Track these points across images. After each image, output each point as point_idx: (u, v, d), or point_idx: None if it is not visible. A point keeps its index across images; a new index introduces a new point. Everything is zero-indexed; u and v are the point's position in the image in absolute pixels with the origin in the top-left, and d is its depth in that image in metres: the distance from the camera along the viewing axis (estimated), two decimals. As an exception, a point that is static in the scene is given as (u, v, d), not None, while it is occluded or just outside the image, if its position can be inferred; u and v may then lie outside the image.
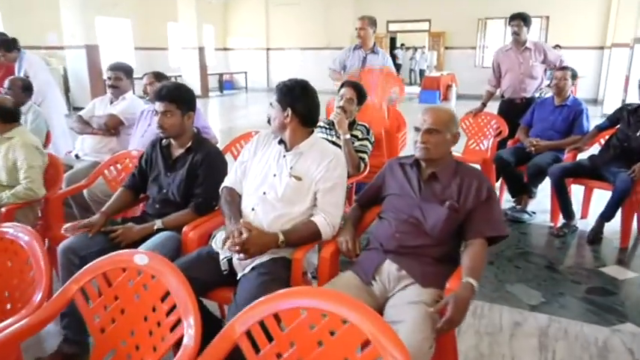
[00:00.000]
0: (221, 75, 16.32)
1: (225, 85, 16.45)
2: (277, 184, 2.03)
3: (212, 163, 2.35)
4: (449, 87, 13.30)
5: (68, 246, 2.15)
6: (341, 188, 2.08)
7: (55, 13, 10.46)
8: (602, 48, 12.72)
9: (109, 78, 3.75)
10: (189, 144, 2.38)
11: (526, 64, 4.55)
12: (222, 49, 17.53)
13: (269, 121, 2.07)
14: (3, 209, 2.53)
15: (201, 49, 14.17)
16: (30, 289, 1.58)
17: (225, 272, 1.99)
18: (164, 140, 2.44)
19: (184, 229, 2.20)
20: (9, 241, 1.67)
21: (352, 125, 3.10)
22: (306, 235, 1.97)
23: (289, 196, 2.01)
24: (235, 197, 2.15)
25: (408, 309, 1.65)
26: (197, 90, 13.98)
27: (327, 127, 3.17)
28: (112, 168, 3.00)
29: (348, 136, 2.96)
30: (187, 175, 2.33)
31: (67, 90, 11.18)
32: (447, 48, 14.78)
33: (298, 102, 2.03)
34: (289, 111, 2.02)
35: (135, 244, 2.20)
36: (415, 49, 19.31)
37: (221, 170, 2.38)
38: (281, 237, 1.90)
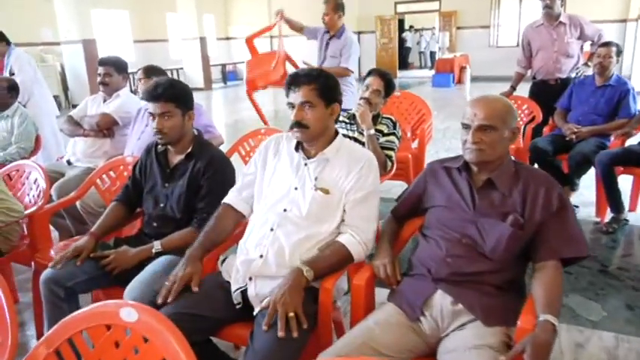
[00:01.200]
0: (224, 65, 15.92)
1: (229, 75, 16.07)
2: (300, 199, 1.71)
3: (217, 171, 2.02)
4: (463, 69, 12.83)
5: (50, 277, 1.84)
6: (374, 198, 1.75)
7: (50, 8, 10.14)
8: (624, 21, 12.18)
9: (99, 74, 3.43)
10: (190, 149, 2.06)
11: (560, 41, 4.14)
12: (224, 39, 17.13)
13: (299, 126, 1.72)
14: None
15: (202, 40, 13.77)
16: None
17: (238, 306, 1.67)
18: (160, 146, 2.11)
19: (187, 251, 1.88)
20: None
21: (376, 119, 2.75)
22: (334, 262, 1.64)
23: (316, 212, 1.68)
24: (223, 222, 1.84)
25: (470, 356, 1.33)
26: (200, 82, 13.64)
27: (348, 121, 2.82)
28: (104, 177, 2.67)
29: (372, 131, 2.61)
30: (188, 186, 2.01)
31: (65, 87, 10.90)
32: (458, 28, 14.27)
33: (338, 93, 1.71)
34: (334, 107, 1.70)
35: (131, 270, 1.89)
36: (423, 30, 18.80)
37: (227, 179, 2.05)
38: (307, 272, 1.56)
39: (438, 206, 1.65)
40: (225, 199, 1.88)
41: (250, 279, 1.66)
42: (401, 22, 16.82)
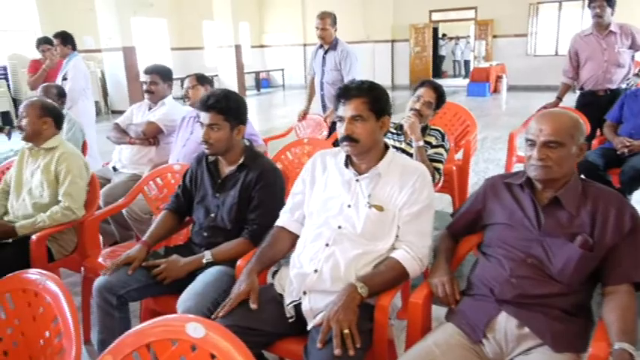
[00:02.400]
0: (258, 73, 16.09)
1: (262, 83, 16.22)
2: (354, 216, 1.68)
3: (268, 183, 2.01)
4: (499, 78, 12.62)
5: (103, 284, 1.86)
6: (428, 212, 1.70)
7: (92, 16, 10.44)
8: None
9: (145, 82, 3.49)
10: (241, 160, 2.05)
11: (611, 51, 4.00)
12: (258, 47, 17.30)
13: (349, 140, 1.69)
14: (34, 236, 2.26)
15: (237, 47, 13.93)
16: (57, 357, 1.28)
17: (291, 319, 1.65)
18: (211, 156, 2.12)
19: (238, 262, 1.87)
20: (33, 292, 1.37)
21: (424, 130, 2.70)
22: (389, 279, 1.60)
23: (371, 230, 1.65)
24: (279, 244, 1.83)
25: (540, 383, 1.27)
26: (234, 89, 13.73)
27: (395, 131, 2.78)
28: (152, 184, 2.70)
29: (421, 143, 2.56)
30: (239, 197, 2.00)
31: (105, 93, 11.18)
32: (495, 36, 14.05)
33: (388, 106, 1.68)
34: (385, 120, 1.68)
35: (181, 280, 1.89)
36: (458, 39, 18.60)
37: (278, 191, 2.05)
38: (361, 288, 1.53)
39: (500, 224, 1.60)
40: (279, 222, 1.87)
41: (304, 293, 1.64)
42: (435, 31, 16.67)
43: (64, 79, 4.95)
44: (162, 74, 3.50)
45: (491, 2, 13.47)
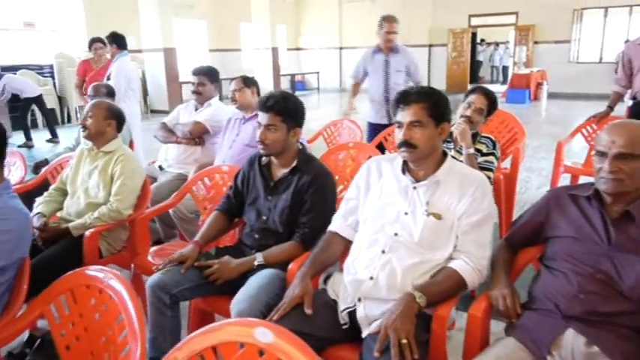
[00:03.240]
0: (293, 75, 16.20)
1: (297, 85, 16.31)
2: (411, 224, 1.65)
3: (321, 187, 2.01)
4: (539, 85, 12.34)
5: (157, 283, 1.88)
6: (489, 223, 1.66)
7: (135, 17, 10.68)
8: None
9: (193, 83, 3.54)
10: (294, 163, 2.05)
11: (667, 60, 3.86)
12: (294, 49, 17.41)
13: (407, 145, 1.66)
14: (87, 232, 2.31)
15: (274, 50, 14.06)
16: (120, 354, 1.29)
17: (345, 326, 1.63)
18: (264, 158, 2.12)
19: (290, 266, 1.87)
20: (97, 289, 1.40)
21: (474, 137, 2.65)
22: (447, 289, 1.57)
23: (429, 239, 1.62)
24: (332, 248, 1.82)
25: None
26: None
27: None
28: (200, 184, 2.73)
29: (472, 150, 2.51)
30: (292, 200, 2.00)
31: (145, 93, 11.42)
32: (536, 42, 13.76)
33: (448, 112, 1.65)
34: (444, 126, 1.65)
35: (232, 281, 1.90)
36: (497, 44, 18.28)
37: (330, 195, 2.05)
38: (419, 297, 1.50)
39: (565, 237, 1.54)
40: (332, 227, 1.86)
41: (359, 300, 1.62)
42: (473, 36, 16.44)
43: (108, 78, 5.09)
44: (209, 75, 3.55)
45: (533, 7, 13.19)
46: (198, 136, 3.42)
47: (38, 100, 7.97)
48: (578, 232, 1.51)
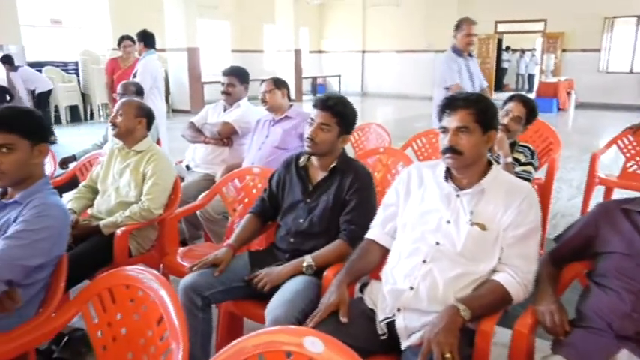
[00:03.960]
0: (314, 78, 16.21)
1: (319, 88, 16.31)
2: (454, 233, 1.61)
3: (364, 186, 2.00)
4: (567, 94, 12.16)
5: (190, 284, 1.87)
6: (535, 235, 1.62)
7: (160, 17, 10.80)
8: None
9: (222, 83, 3.55)
10: (334, 164, 2.04)
11: None
12: (316, 52, 17.45)
13: (452, 151, 1.63)
14: (118, 231, 2.32)
15: (297, 52, 14.10)
16: (161, 357, 1.28)
17: (383, 337, 1.60)
18: (301, 160, 2.11)
19: (326, 272, 1.85)
20: (136, 289, 1.39)
21: (512, 146, 2.60)
22: (491, 303, 1.53)
23: (472, 249, 1.58)
24: (370, 256, 1.79)
25: None
26: (292, 93, 13.92)
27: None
28: (230, 185, 2.72)
29: (509, 159, 2.47)
30: (334, 201, 1.99)
31: (167, 92, 11.53)
32: (564, 50, 13.57)
33: (496, 120, 1.62)
34: (491, 134, 1.62)
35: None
36: (523, 51, 18.08)
37: (372, 193, 2.05)
38: (464, 311, 1.46)
39: (616, 253, 1.49)
40: (369, 234, 1.83)
41: (399, 310, 1.59)
42: (499, 43, 16.28)
43: (134, 76, 5.15)
44: (240, 76, 3.55)
45: (562, 15, 13.00)
46: (227, 136, 3.42)
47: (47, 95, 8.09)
48: (630, 248, 1.46)
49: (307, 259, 1.91)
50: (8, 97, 6.87)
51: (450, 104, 1.68)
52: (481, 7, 14.15)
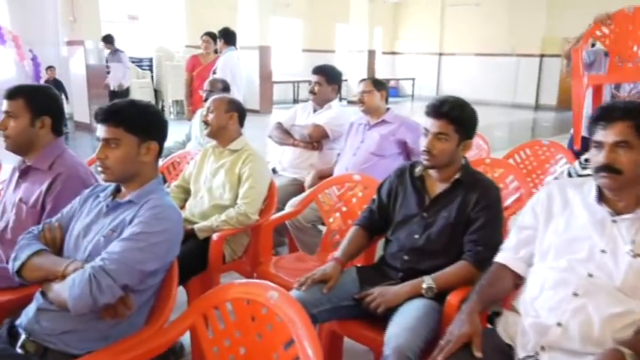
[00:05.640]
0: (387, 81, 15.98)
1: (390, 91, 16.00)
2: (611, 265, 1.45)
3: (492, 203, 1.86)
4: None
5: (299, 301, 1.79)
6: None
7: (233, 14, 11.02)
8: None
9: (310, 82, 3.50)
10: (457, 176, 1.90)
11: None
12: (389, 53, 17.26)
13: (609, 170, 1.47)
14: (215, 236, 2.29)
15: (370, 53, 14.00)
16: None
17: (524, 377, 1.45)
18: (417, 169, 1.98)
19: (449, 297, 1.72)
20: (260, 306, 1.32)
21: None
22: None
23: (634, 284, 1.42)
24: (501, 283, 1.65)
25: None
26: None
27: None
28: (327, 192, 2.65)
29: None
30: (456, 217, 1.85)
31: (237, 90, 11.76)
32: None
33: None
34: None
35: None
36: (617, 57, 17.09)
37: (502, 212, 1.91)
38: (630, 357, 1.30)
39: None
40: (499, 258, 1.69)
41: (542, 348, 1.44)
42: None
43: (214, 73, 5.24)
44: (328, 76, 3.47)
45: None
46: (317, 139, 3.36)
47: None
48: None
49: (427, 281, 1.78)
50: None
51: (606, 115, 1.51)
52: (573, 6, 13.47)
